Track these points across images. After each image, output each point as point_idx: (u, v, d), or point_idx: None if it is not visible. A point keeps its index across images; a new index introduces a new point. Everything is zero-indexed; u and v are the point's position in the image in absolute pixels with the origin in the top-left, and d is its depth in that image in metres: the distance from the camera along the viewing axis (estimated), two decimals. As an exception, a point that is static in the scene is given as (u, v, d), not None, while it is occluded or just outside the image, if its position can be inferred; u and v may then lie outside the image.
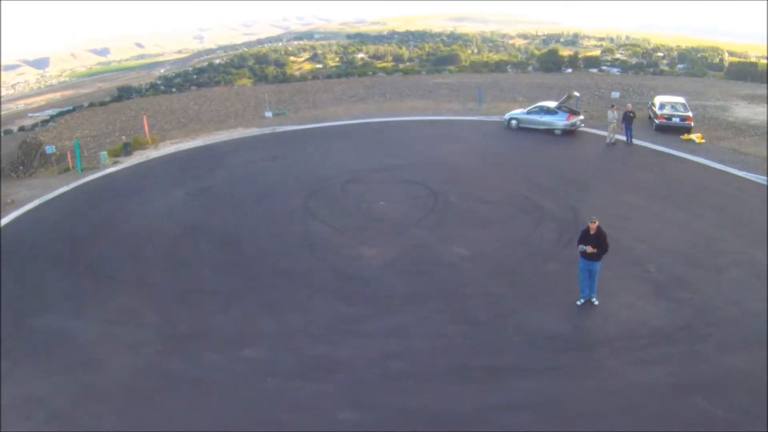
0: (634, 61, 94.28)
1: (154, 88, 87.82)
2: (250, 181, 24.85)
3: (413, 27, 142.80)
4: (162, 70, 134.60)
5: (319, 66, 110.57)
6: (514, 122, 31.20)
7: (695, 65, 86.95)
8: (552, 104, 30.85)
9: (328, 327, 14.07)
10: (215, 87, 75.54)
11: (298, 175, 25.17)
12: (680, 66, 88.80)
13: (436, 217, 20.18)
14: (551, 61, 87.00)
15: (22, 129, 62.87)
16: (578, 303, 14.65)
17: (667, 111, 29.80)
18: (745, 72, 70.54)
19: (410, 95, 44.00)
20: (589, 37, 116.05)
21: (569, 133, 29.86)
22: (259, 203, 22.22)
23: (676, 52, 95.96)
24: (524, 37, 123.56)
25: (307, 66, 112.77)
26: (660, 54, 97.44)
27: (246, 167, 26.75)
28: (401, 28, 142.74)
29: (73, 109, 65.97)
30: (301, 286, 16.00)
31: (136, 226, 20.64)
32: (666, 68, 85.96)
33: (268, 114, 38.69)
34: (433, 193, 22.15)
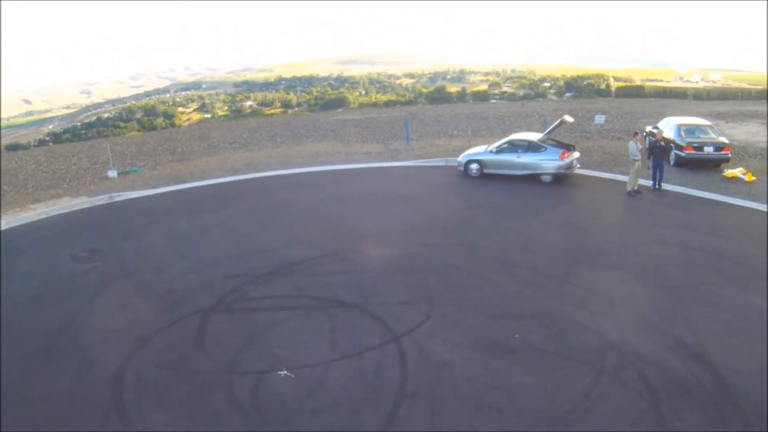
0: (521, 93, 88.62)
1: (42, 145, 72.80)
2: (32, 313, 10.86)
3: (300, 72, 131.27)
4: (50, 126, 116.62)
5: (208, 116, 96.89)
6: (474, 166, 19.29)
7: (583, 92, 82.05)
8: (533, 136, 19.08)
9: None
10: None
11: (118, 294, 11.66)
12: (568, 94, 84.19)
13: (416, 415, 7.49)
14: (440, 98, 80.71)
15: None
16: None
17: (694, 138, 19.06)
18: (633, 95, 66.18)
19: (309, 136, 31.10)
20: (475, 73, 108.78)
21: (561, 178, 18.39)
22: (23, 384, 8.56)
23: (562, 81, 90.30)
24: (411, 76, 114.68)
25: (196, 116, 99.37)
26: (546, 84, 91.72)
27: (38, 279, 12.69)
28: (288, 74, 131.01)
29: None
30: None
31: None
32: (554, 98, 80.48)
33: (112, 173, 24.73)
34: (393, 335, 9.47)
